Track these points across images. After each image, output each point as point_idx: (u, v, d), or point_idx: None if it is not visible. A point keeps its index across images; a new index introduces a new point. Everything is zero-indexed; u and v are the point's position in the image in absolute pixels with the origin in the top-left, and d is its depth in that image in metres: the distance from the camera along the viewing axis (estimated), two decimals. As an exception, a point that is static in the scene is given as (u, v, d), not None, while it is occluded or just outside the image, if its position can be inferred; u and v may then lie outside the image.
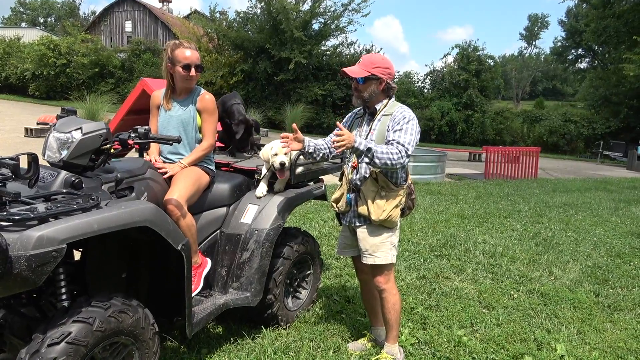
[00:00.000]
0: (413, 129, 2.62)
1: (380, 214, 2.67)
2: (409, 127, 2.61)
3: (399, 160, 2.53)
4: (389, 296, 2.81)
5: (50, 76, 26.64)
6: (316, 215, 6.59)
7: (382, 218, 2.67)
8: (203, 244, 2.99)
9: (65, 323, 1.89)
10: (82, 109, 14.25)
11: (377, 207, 2.68)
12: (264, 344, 2.96)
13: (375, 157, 2.50)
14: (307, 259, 3.46)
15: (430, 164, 11.38)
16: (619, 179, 13.88)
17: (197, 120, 3.01)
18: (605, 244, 5.96)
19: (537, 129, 24.52)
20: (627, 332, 3.51)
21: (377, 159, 2.50)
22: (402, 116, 2.66)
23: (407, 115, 2.66)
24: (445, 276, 4.48)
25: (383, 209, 2.67)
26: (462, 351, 3.08)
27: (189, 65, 2.85)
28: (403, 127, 2.62)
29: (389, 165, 2.53)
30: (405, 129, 2.61)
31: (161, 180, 2.75)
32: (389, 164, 2.52)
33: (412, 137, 2.59)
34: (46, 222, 1.82)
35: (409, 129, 2.61)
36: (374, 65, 2.69)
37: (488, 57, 25.29)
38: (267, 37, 21.20)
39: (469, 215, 7.31)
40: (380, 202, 2.68)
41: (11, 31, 35.19)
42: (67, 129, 2.27)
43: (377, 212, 2.67)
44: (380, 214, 2.67)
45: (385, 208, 2.67)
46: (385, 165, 2.53)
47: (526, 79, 51.95)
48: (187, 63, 2.85)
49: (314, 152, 2.85)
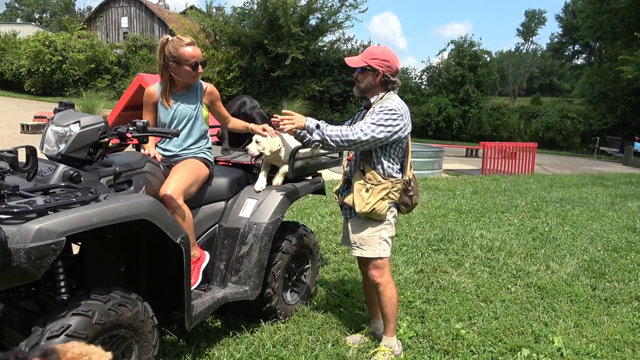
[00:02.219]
0: (382, 117, 2.61)
1: (363, 206, 2.69)
2: (379, 115, 2.62)
3: (348, 138, 2.59)
4: (384, 290, 2.82)
5: (46, 72, 26.52)
6: (314, 210, 6.59)
7: (365, 211, 2.69)
8: (202, 238, 2.99)
9: (64, 316, 1.89)
10: (79, 105, 14.22)
11: (361, 199, 2.70)
12: (263, 338, 2.97)
13: (326, 135, 2.63)
14: (305, 253, 3.47)
15: (427, 159, 11.39)
16: (615, 175, 13.94)
17: (203, 113, 3.03)
18: (601, 239, 5.99)
19: (533, 125, 24.59)
20: (624, 325, 3.53)
21: (328, 136, 2.63)
22: (379, 107, 2.67)
23: (385, 106, 2.65)
24: (443, 270, 4.50)
25: (367, 201, 2.68)
26: (459, 344, 3.09)
27: (196, 63, 2.85)
28: (373, 114, 2.64)
29: (339, 142, 2.62)
30: (373, 117, 2.63)
31: (159, 173, 2.74)
32: (338, 140, 2.62)
33: (374, 124, 2.59)
34: (45, 215, 1.82)
35: (376, 117, 2.61)
36: (372, 57, 2.71)
37: (484, 52, 25.30)
38: (263, 33, 21.14)
39: (467, 210, 7.33)
40: (364, 194, 2.70)
41: (7, 27, 35.01)
42: (65, 123, 2.26)
43: (361, 205, 2.69)
44: (364, 206, 2.69)
45: (369, 201, 2.68)
46: (336, 143, 2.62)
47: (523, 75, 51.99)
48: (195, 62, 2.83)
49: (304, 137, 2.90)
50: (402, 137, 2.71)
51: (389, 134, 2.62)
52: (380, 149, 2.70)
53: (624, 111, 23.23)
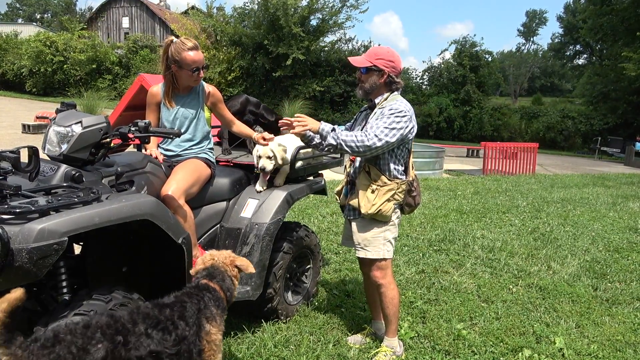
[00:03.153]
0: (394, 120, 2.61)
1: (369, 207, 2.68)
2: (390, 119, 2.61)
3: (365, 143, 2.57)
4: (386, 291, 2.82)
5: (48, 73, 26.56)
6: (315, 210, 6.59)
7: (371, 212, 2.68)
8: (203, 238, 2.99)
9: (66, 316, 1.90)
10: (80, 106, 14.23)
11: (366, 200, 2.69)
12: (264, 338, 2.97)
13: (341, 139, 2.61)
14: (306, 254, 3.47)
15: (428, 159, 11.39)
16: (616, 175, 13.92)
17: (205, 115, 3.04)
18: (603, 239, 5.99)
19: (534, 125, 24.57)
20: (625, 326, 3.53)
21: (343, 141, 2.60)
22: (389, 109, 2.66)
23: (395, 108, 2.65)
24: (444, 270, 4.50)
25: (373, 202, 2.68)
26: (461, 344, 3.09)
27: (198, 68, 2.85)
28: (384, 118, 2.63)
29: (354, 148, 2.59)
30: (385, 120, 2.62)
31: (161, 174, 2.75)
32: (353, 146, 2.59)
33: (387, 128, 2.59)
34: (47, 215, 1.82)
35: (388, 120, 2.61)
36: (377, 57, 2.71)
37: (485, 52, 25.31)
38: (264, 33, 21.16)
39: (468, 210, 7.32)
40: (370, 195, 2.69)
41: (8, 27, 35.05)
42: (67, 123, 2.26)
43: (367, 206, 2.68)
44: (370, 207, 2.68)
45: (375, 202, 2.68)
46: (351, 148, 2.60)
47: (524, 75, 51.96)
48: (196, 67, 2.84)
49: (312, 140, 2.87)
50: (410, 139, 2.72)
51: (400, 137, 2.62)
52: (388, 150, 2.70)
53: (625, 111, 23.20)
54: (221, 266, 2.05)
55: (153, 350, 1.65)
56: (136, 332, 1.64)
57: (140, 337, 1.64)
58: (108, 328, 1.59)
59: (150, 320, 1.70)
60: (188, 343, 1.74)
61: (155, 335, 1.67)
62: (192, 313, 1.80)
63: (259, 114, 3.70)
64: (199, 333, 1.80)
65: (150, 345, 1.65)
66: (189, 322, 1.77)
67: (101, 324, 1.59)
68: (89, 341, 1.52)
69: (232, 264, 2.09)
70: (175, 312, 1.77)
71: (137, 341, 1.62)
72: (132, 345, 1.61)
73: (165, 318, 1.73)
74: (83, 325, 1.56)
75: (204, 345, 1.81)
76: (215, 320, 1.88)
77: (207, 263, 2.05)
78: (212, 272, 2.01)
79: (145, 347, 1.63)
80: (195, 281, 1.99)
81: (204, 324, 1.83)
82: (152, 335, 1.66)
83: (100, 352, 1.53)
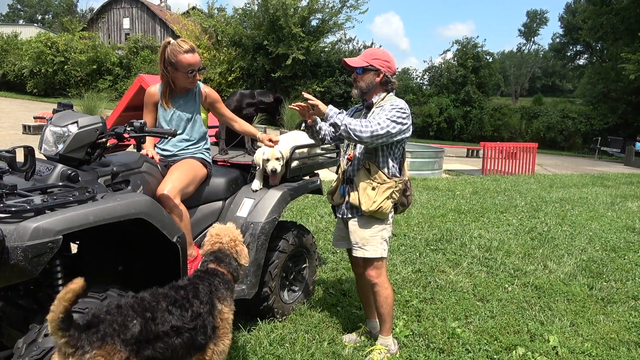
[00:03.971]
0: (395, 114, 2.64)
1: (370, 204, 2.70)
2: (392, 112, 2.64)
3: (368, 128, 2.58)
4: (380, 290, 2.84)
5: (48, 73, 26.60)
6: (313, 210, 6.62)
7: (372, 209, 2.70)
8: (199, 238, 3.02)
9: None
10: (80, 106, 14.26)
11: (367, 197, 2.71)
12: (260, 336, 3.00)
13: (345, 122, 2.62)
14: (302, 253, 3.49)
15: (427, 159, 11.40)
16: (616, 175, 13.93)
17: (202, 115, 3.06)
18: (600, 239, 6.00)
19: (535, 125, 24.59)
20: (620, 324, 3.55)
21: (348, 123, 2.61)
22: (390, 104, 2.70)
23: (397, 105, 2.69)
24: (440, 270, 4.52)
25: (373, 199, 2.70)
26: (455, 342, 3.11)
27: (193, 71, 2.87)
28: (386, 111, 2.66)
29: (356, 131, 2.59)
30: (386, 113, 2.65)
31: (157, 173, 2.77)
32: (355, 129, 2.59)
33: (389, 120, 2.62)
34: (42, 214, 1.85)
35: (390, 114, 2.64)
36: (374, 57, 2.76)
37: (487, 53, 25.32)
38: (264, 34, 21.20)
39: (466, 210, 7.34)
40: (371, 192, 2.71)
41: (9, 28, 35.12)
42: (63, 123, 2.29)
43: (368, 203, 2.71)
44: (371, 204, 2.70)
45: (376, 199, 2.70)
46: (354, 131, 2.60)
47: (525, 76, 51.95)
48: (192, 69, 2.86)
49: (320, 130, 2.95)
50: (406, 137, 2.75)
51: (399, 131, 2.66)
52: (386, 147, 2.73)
53: (626, 111, 23.22)
54: (227, 249, 2.22)
55: (174, 325, 1.80)
56: (160, 309, 1.80)
57: (163, 313, 1.80)
58: (138, 306, 1.75)
59: (169, 299, 1.86)
60: (203, 319, 1.91)
61: (175, 312, 1.83)
62: (204, 293, 1.97)
63: (256, 102, 3.73)
64: (213, 312, 1.96)
65: (172, 320, 1.80)
66: (203, 301, 1.94)
67: (130, 303, 1.75)
68: (126, 318, 1.69)
69: (234, 248, 2.26)
70: (189, 292, 1.93)
71: (162, 317, 1.78)
72: (159, 320, 1.77)
73: (182, 297, 1.90)
74: (116, 305, 1.72)
75: (218, 322, 1.98)
76: (227, 300, 2.04)
77: (215, 246, 2.22)
78: (219, 256, 2.18)
79: (168, 323, 1.79)
80: (204, 265, 2.15)
81: (216, 304, 1.99)
82: (173, 311, 1.83)
83: (137, 326, 1.69)
